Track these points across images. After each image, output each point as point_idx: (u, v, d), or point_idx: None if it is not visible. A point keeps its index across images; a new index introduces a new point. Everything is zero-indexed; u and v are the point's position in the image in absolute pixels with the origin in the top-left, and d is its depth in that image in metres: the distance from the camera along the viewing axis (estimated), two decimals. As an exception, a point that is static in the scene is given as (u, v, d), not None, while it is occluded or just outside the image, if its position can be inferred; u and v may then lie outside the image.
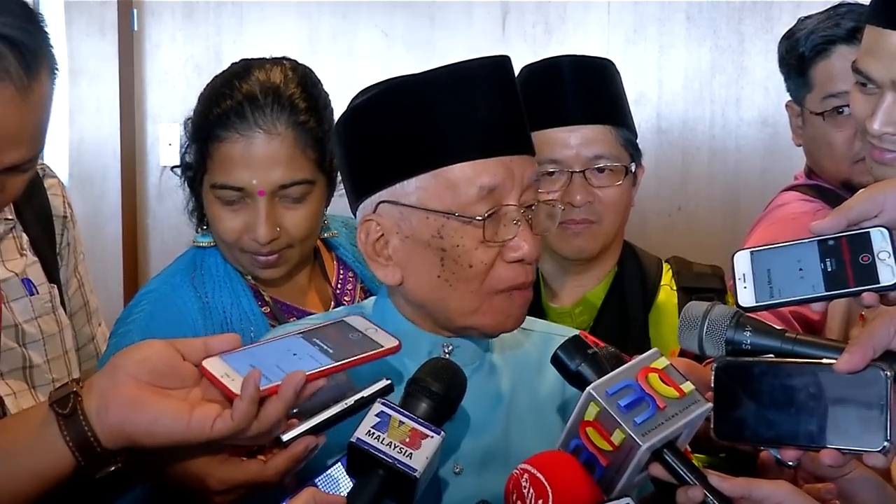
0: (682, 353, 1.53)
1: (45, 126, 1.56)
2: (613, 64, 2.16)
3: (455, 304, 1.46)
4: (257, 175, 1.80)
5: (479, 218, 1.42)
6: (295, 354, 1.31)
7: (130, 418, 1.26)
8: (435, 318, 1.51)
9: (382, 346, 1.34)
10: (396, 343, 1.35)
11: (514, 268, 1.46)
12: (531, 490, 1.25)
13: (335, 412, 1.33)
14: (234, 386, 1.25)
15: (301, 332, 1.36)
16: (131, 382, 1.27)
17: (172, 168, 2.01)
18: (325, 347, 1.32)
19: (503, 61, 1.48)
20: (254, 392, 1.24)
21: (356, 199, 1.51)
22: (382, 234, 1.47)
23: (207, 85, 1.90)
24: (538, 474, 1.25)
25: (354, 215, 1.55)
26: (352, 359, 1.31)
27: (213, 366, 1.29)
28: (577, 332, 1.51)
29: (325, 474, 1.34)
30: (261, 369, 1.27)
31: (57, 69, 1.56)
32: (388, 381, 1.36)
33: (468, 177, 1.42)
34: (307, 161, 1.83)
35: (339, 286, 2.01)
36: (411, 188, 1.44)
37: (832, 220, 1.32)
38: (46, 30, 1.51)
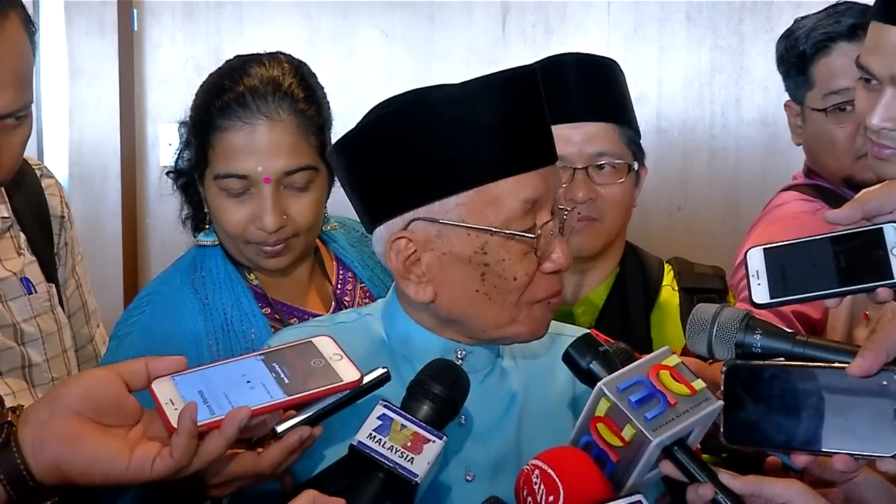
0: (684, 353, 1.53)
1: (28, 76, 1.58)
2: (617, 64, 2.16)
3: (492, 316, 1.45)
4: (262, 162, 1.81)
5: (532, 236, 1.41)
6: (248, 382, 1.28)
7: (67, 456, 1.21)
8: (463, 330, 1.49)
9: (342, 380, 1.30)
10: (358, 376, 1.31)
11: (550, 278, 1.45)
12: (542, 486, 1.25)
13: (330, 403, 1.31)
14: (174, 417, 1.22)
15: (262, 354, 1.33)
16: (72, 417, 1.22)
17: (167, 173, 2.01)
18: (282, 376, 1.29)
19: (534, 72, 1.46)
20: (190, 427, 1.20)
21: (383, 216, 1.46)
22: (414, 251, 1.44)
23: (205, 81, 1.91)
24: (549, 470, 1.25)
25: (368, 229, 1.52)
26: (305, 393, 1.28)
27: (161, 389, 1.26)
28: (586, 331, 1.51)
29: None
30: (208, 398, 1.25)
31: (34, 25, 1.59)
32: (385, 370, 1.35)
33: (512, 191, 1.40)
34: (310, 148, 1.85)
35: (339, 286, 2.01)
36: (451, 205, 1.40)
37: (848, 210, 1.31)
38: None
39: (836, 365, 1.24)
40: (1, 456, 1.22)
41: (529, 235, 1.40)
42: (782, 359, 1.29)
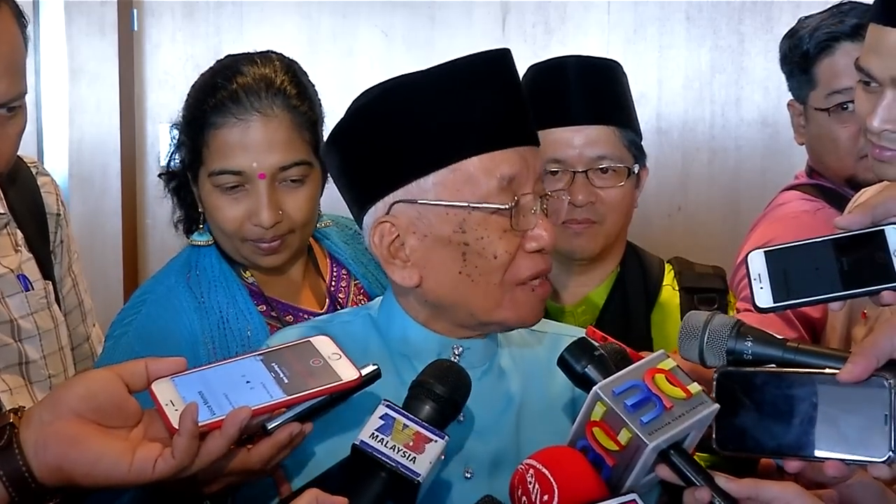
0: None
1: (20, 67, 1.60)
2: (620, 65, 2.17)
3: (477, 299, 1.46)
4: (257, 158, 1.82)
5: (506, 206, 1.42)
6: (248, 382, 1.29)
7: (69, 457, 1.22)
8: (453, 317, 1.50)
9: (341, 379, 1.31)
10: (357, 375, 1.32)
11: (533, 257, 1.46)
12: (537, 486, 1.25)
13: (321, 400, 1.32)
14: (175, 418, 1.22)
15: (261, 354, 1.34)
16: (73, 418, 1.23)
17: (159, 175, 2.02)
18: (281, 376, 1.30)
19: (507, 54, 1.48)
20: (192, 427, 1.21)
21: (366, 202, 1.49)
22: (398, 236, 1.46)
23: (197, 80, 1.92)
24: (543, 470, 1.25)
25: (359, 223, 1.54)
26: (305, 392, 1.29)
27: (161, 390, 1.27)
28: (584, 335, 1.51)
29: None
30: (208, 398, 1.25)
31: (25, 18, 1.62)
32: (375, 367, 1.36)
33: (487, 168, 1.42)
34: (304, 143, 1.86)
35: (332, 283, 2.01)
36: (428, 185, 1.43)
37: (858, 215, 1.31)
38: None
39: (828, 371, 1.24)
40: (3, 457, 1.22)
41: (503, 206, 1.42)
42: (773, 365, 1.29)
